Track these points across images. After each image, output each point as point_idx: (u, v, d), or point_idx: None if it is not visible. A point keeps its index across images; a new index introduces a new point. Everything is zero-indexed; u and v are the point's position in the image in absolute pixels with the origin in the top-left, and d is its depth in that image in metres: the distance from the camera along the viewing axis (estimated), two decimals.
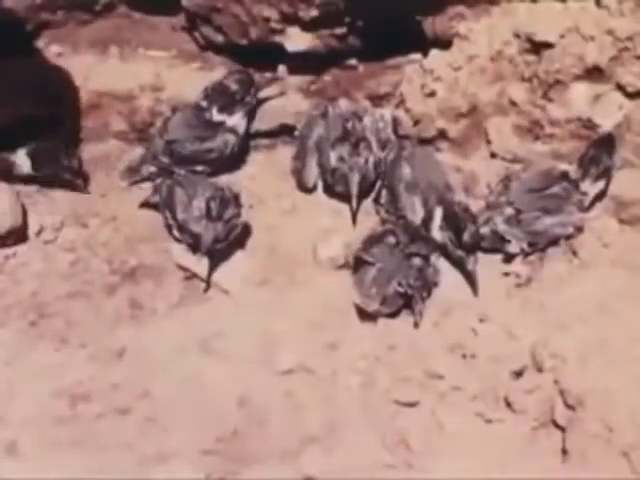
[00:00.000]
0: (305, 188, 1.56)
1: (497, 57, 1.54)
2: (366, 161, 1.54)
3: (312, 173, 1.56)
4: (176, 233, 1.47)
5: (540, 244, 1.44)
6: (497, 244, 1.44)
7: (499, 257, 1.45)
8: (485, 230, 1.44)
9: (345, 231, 1.49)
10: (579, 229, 1.44)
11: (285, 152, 1.62)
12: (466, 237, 1.42)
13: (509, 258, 1.44)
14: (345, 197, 1.53)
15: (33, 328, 1.36)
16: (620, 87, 1.48)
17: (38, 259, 1.46)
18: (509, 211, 1.44)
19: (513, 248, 1.44)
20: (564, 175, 1.47)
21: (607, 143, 1.47)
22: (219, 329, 1.36)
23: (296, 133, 1.62)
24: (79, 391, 1.29)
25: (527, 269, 1.43)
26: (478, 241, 1.43)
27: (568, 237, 1.44)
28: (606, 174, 1.47)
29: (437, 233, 1.44)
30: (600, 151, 1.47)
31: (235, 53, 1.74)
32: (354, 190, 1.51)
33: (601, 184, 1.47)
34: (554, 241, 1.44)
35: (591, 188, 1.47)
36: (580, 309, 1.35)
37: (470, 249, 1.42)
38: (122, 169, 1.57)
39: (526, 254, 1.44)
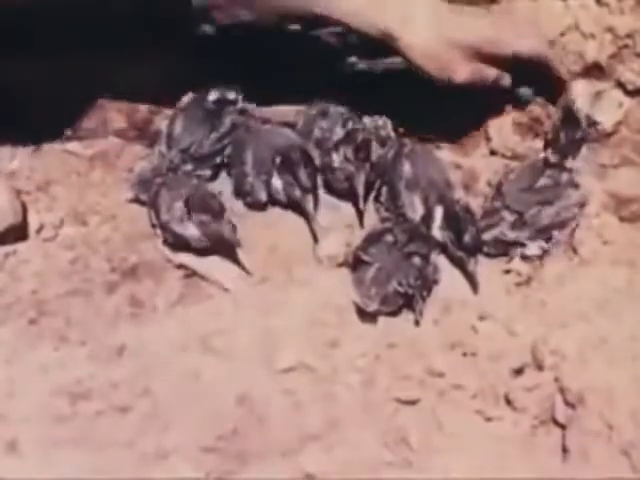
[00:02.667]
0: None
1: None
2: (370, 161, 1.53)
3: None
4: (159, 233, 1.46)
5: (554, 236, 1.43)
6: (507, 249, 1.43)
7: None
8: (487, 237, 1.43)
9: (345, 229, 1.49)
10: (582, 205, 1.44)
11: None
12: (467, 239, 1.41)
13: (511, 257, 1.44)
14: (345, 195, 1.52)
15: (33, 326, 1.36)
16: (620, 84, 1.48)
17: (38, 257, 1.45)
18: (510, 217, 1.44)
19: (531, 250, 1.43)
20: (546, 162, 1.47)
21: (570, 117, 1.47)
22: (219, 327, 1.36)
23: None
24: (79, 389, 1.29)
25: (527, 267, 1.43)
26: (479, 242, 1.42)
27: (575, 218, 1.43)
28: (583, 143, 1.48)
29: (437, 232, 1.44)
30: (569, 128, 1.47)
31: None
32: (361, 191, 1.50)
33: (584, 152, 1.47)
34: (564, 225, 1.43)
35: (577, 163, 1.47)
36: (580, 307, 1.35)
37: (471, 250, 1.41)
38: (132, 182, 1.54)
39: (545, 251, 1.43)
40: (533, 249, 1.43)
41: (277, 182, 1.51)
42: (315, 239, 1.47)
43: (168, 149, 1.56)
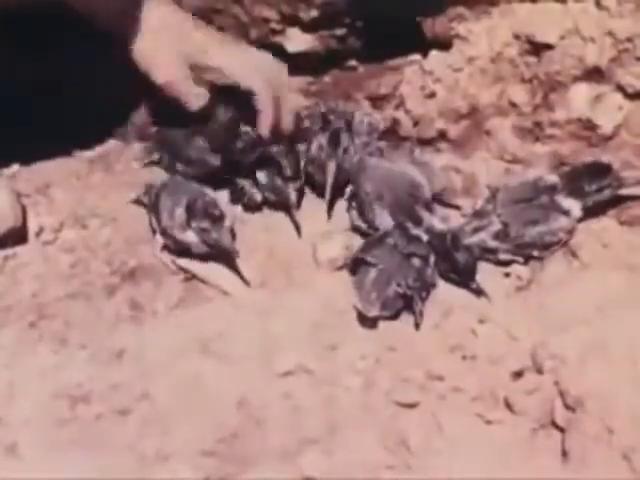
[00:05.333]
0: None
1: (497, 58, 1.54)
2: (344, 151, 1.53)
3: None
4: (159, 238, 1.46)
5: (535, 254, 1.43)
6: (489, 255, 1.44)
7: None
8: (473, 240, 1.43)
9: (344, 232, 1.49)
10: (569, 232, 1.44)
11: None
12: (462, 262, 1.41)
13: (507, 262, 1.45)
14: (323, 188, 1.52)
15: (33, 329, 1.36)
16: (620, 88, 1.48)
17: (38, 260, 1.45)
18: (497, 226, 1.44)
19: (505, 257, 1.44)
20: (550, 187, 1.47)
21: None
22: (219, 330, 1.36)
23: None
24: (79, 392, 1.29)
25: (527, 270, 1.43)
26: (474, 262, 1.42)
27: (559, 242, 1.43)
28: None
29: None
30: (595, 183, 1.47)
31: None
32: (330, 179, 1.51)
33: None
34: (547, 247, 1.43)
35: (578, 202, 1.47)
36: (580, 310, 1.35)
37: (469, 271, 1.41)
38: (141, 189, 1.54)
39: (522, 264, 1.43)
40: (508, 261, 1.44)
41: (261, 176, 1.53)
42: (297, 229, 1.49)
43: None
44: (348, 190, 1.53)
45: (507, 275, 1.43)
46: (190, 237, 1.43)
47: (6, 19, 1.40)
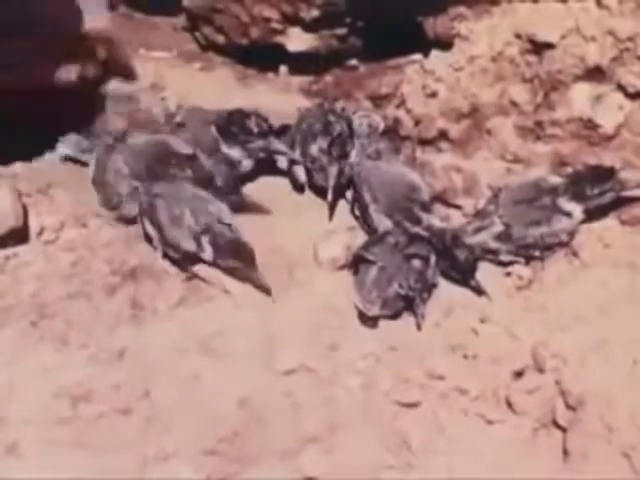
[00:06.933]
0: (295, 184, 1.58)
1: (498, 58, 1.54)
2: (345, 156, 1.54)
3: (301, 169, 1.58)
4: (158, 247, 1.46)
5: (537, 254, 1.43)
6: (490, 256, 1.44)
7: None
8: (475, 240, 1.44)
9: (346, 232, 1.49)
10: (571, 234, 1.44)
11: None
12: (461, 259, 1.41)
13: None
14: (324, 189, 1.53)
15: (34, 328, 1.36)
16: (621, 87, 1.48)
17: (39, 259, 1.45)
18: (498, 227, 1.44)
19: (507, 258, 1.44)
20: (552, 189, 1.47)
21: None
22: (219, 329, 1.36)
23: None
24: (80, 391, 1.29)
25: (528, 270, 1.43)
26: (474, 260, 1.43)
27: (560, 244, 1.44)
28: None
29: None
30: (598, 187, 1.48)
31: (236, 53, 1.75)
32: (331, 182, 1.53)
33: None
34: (548, 248, 1.44)
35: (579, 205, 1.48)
36: (581, 309, 1.35)
37: (469, 269, 1.42)
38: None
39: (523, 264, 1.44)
40: (508, 258, 1.45)
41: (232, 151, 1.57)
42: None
43: None
44: (350, 193, 1.54)
45: (508, 274, 1.43)
46: (206, 253, 1.44)
47: None
